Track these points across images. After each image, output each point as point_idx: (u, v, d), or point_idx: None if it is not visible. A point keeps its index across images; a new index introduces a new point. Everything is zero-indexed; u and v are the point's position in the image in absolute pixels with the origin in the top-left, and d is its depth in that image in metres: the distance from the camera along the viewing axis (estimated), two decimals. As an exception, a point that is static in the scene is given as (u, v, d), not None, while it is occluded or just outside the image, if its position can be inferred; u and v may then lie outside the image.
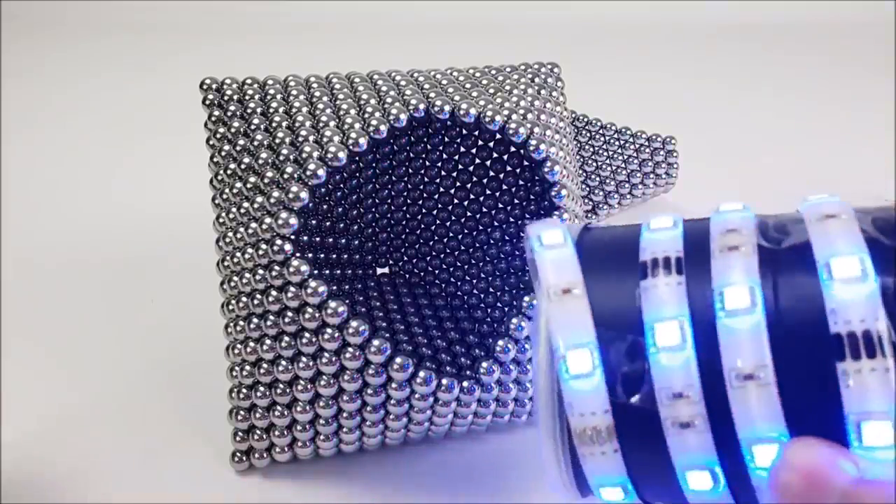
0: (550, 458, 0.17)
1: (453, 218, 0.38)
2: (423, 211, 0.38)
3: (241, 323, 0.29)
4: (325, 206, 0.37)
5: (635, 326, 0.16)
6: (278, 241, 0.27)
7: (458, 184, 0.37)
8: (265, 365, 0.28)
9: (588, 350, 0.16)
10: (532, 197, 0.35)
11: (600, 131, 0.55)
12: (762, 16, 1.12)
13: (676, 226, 0.17)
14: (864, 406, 0.14)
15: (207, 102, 0.30)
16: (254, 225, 0.27)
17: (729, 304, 0.15)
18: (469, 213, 0.37)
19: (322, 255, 0.37)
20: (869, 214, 0.16)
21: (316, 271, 0.27)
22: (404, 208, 0.38)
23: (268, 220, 0.27)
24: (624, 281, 0.17)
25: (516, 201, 0.35)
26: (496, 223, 0.36)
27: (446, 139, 0.35)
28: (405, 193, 0.38)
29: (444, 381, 0.28)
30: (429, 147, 0.31)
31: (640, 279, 0.16)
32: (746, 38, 1.05)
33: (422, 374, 0.28)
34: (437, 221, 0.38)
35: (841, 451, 0.14)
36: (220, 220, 0.29)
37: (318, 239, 0.37)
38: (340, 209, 0.37)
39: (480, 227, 0.37)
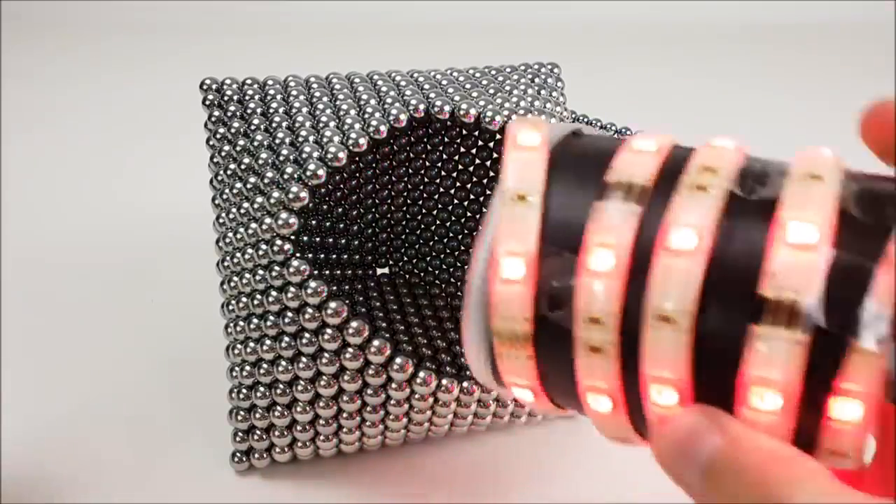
0: (472, 346, 0.17)
1: (453, 218, 0.38)
2: (423, 211, 0.38)
3: (241, 323, 0.29)
4: (325, 206, 0.37)
5: (575, 245, 0.16)
6: (278, 242, 0.27)
7: (458, 184, 0.37)
8: (265, 365, 0.28)
9: (522, 259, 0.16)
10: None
11: (601, 132, 0.54)
12: (762, 16, 1.12)
13: (660, 152, 0.17)
14: (762, 372, 0.14)
15: (207, 103, 0.30)
16: (254, 225, 0.27)
17: (674, 244, 0.15)
18: (469, 213, 0.37)
19: (322, 255, 0.37)
20: (860, 183, 0.16)
21: (316, 271, 0.27)
22: (404, 208, 0.38)
23: (268, 220, 0.27)
24: (583, 197, 0.16)
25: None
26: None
27: (446, 139, 0.35)
28: (405, 193, 0.38)
29: (444, 382, 0.28)
30: (429, 147, 0.31)
31: (596, 199, 0.16)
32: (746, 38, 1.05)
33: (422, 374, 0.28)
34: (437, 221, 0.38)
35: (717, 419, 0.14)
36: (220, 221, 0.29)
37: (318, 239, 0.37)
38: (340, 209, 0.37)
39: (480, 227, 0.37)
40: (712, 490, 0.14)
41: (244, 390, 0.29)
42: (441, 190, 0.37)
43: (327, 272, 0.37)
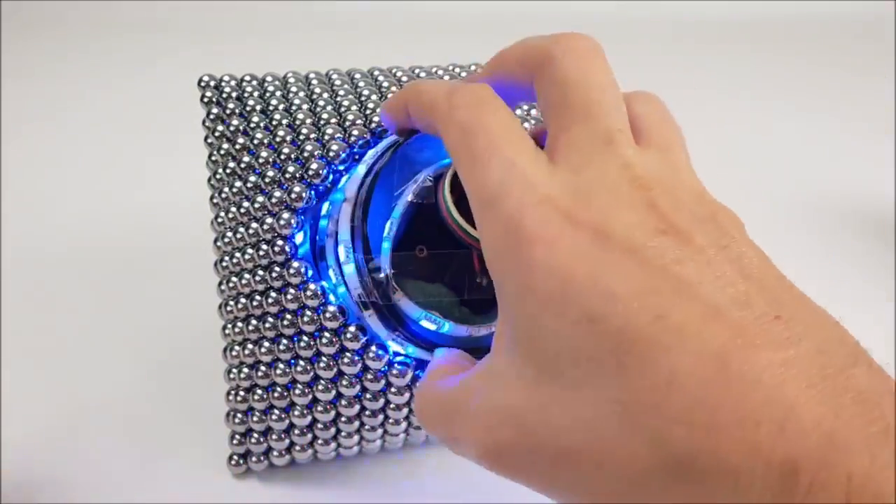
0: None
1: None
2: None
3: (240, 324, 0.28)
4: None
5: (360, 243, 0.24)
6: (279, 242, 0.27)
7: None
8: (263, 368, 0.28)
9: (346, 246, 0.25)
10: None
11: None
12: (762, 15, 1.12)
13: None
14: None
15: (206, 100, 0.30)
16: (255, 225, 0.27)
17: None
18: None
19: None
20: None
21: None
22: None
23: (269, 219, 0.27)
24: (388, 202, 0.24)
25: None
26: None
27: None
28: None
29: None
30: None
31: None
32: (746, 38, 1.05)
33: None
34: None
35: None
36: (219, 220, 0.29)
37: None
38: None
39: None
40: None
41: (242, 392, 0.29)
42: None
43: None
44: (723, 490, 0.14)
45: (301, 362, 0.27)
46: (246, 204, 0.27)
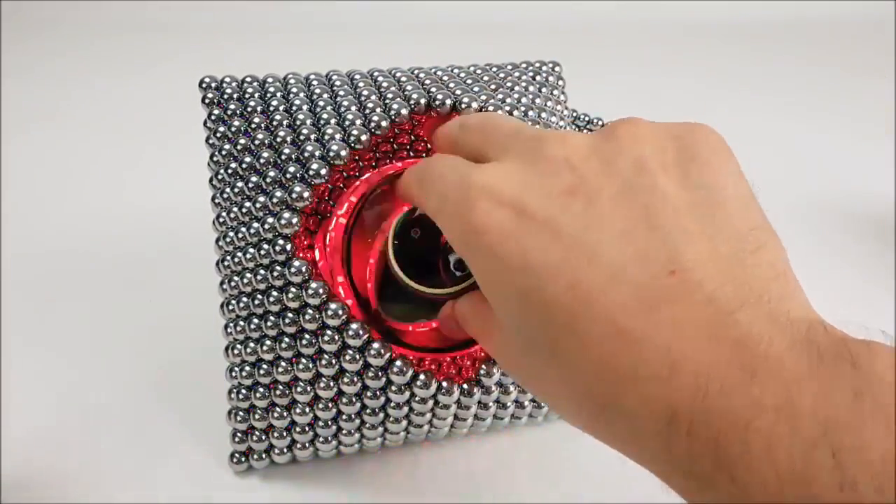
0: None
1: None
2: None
3: (242, 323, 0.28)
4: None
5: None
6: (280, 241, 0.27)
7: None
8: (265, 366, 0.28)
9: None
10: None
11: (601, 131, 0.54)
12: (762, 15, 1.12)
13: None
14: None
15: (207, 101, 0.30)
16: (256, 224, 0.27)
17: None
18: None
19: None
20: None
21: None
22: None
23: (270, 219, 0.27)
24: None
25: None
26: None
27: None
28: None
29: (445, 384, 0.28)
30: (430, 146, 0.30)
31: None
32: (746, 38, 1.05)
33: (422, 376, 0.27)
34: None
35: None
36: (220, 220, 0.29)
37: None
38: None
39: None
40: (467, 332, 0.25)
41: (243, 391, 0.29)
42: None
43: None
44: (625, 434, 0.17)
45: (302, 360, 0.27)
46: (247, 204, 0.28)
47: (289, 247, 0.27)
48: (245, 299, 0.28)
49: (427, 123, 0.28)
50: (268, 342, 0.28)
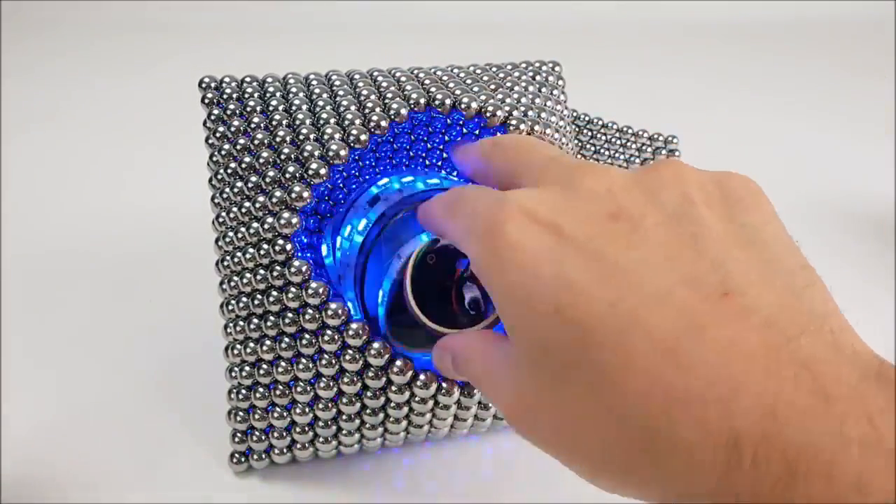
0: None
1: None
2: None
3: (241, 323, 0.28)
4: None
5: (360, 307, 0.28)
6: (280, 241, 0.27)
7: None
8: (264, 366, 0.28)
9: (352, 303, 0.28)
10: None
11: (601, 130, 0.54)
12: (762, 15, 1.12)
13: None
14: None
15: (206, 101, 0.30)
16: (255, 224, 0.27)
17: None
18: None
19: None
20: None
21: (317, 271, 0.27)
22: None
23: (270, 219, 0.27)
24: None
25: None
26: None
27: (447, 138, 0.35)
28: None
29: (445, 384, 0.28)
30: (429, 146, 0.30)
31: None
32: (746, 38, 1.05)
33: (422, 376, 0.27)
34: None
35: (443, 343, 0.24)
36: (220, 220, 0.29)
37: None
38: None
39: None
40: (459, 373, 0.24)
41: (243, 391, 0.29)
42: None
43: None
44: (679, 464, 0.15)
45: (303, 360, 0.27)
46: (247, 204, 0.28)
47: (288, 247, 0.27)
48: (245, 299, 0.28)
49: (456, 146, 0.28)
50: (268, 342, 0.28)
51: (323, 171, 0.26)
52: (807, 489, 0.14)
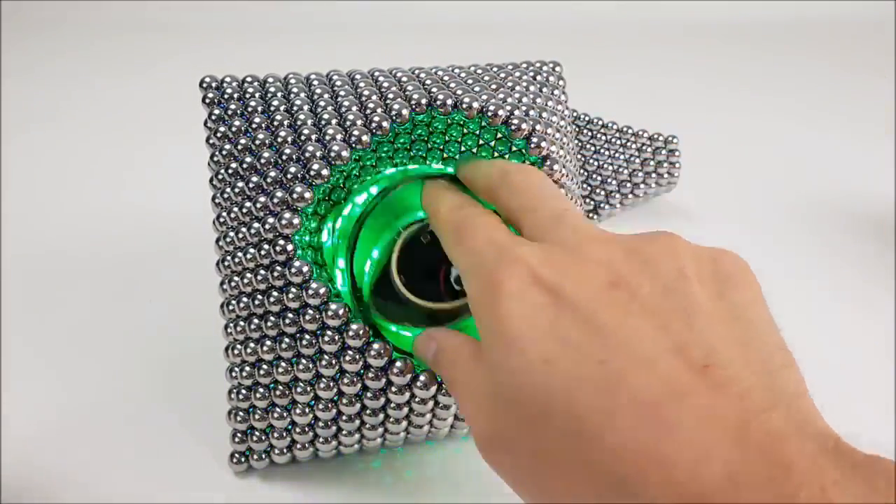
0: None
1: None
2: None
3: (242, 323, 0.28)
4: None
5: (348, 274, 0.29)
6: (280, 241, 0.27)
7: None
8: (265, 366, 0.28)
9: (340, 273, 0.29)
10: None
11: (601, 130, 0.54)
12: (762, 15, 1.12)
13: None
14: None
15: (207, 101, 0.30)
16: (256, 224, 0.27)
17: None
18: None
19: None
20: None
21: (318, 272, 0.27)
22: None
23: (271, 219, 0.27)
24: None
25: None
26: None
27: (447, 138, 0.35)
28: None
29: (445, 385, 0.28)
30: (430, 147, 0.30)
31: None
32: (746, 38, 1.05)
33: (423, 377, 0.27)
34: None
35: (430, 334, 0.26)
36: (221, 220, 0.29)
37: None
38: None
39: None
40: (435, 368, 0.25)
41: (243, 391, 0.29)
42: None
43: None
44: None
45: (303, 360, 0.27)
46: (248, 204, 0.28)
47: (289, 247, 0.27)
48: (245, 299, 0.28)
49: (464, 167, 0.28)
50: (268, 342, 0.28)
51: (325, 172, 0.26)
52: None
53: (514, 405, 0.19)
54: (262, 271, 0.27)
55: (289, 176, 0.27)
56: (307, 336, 0.27)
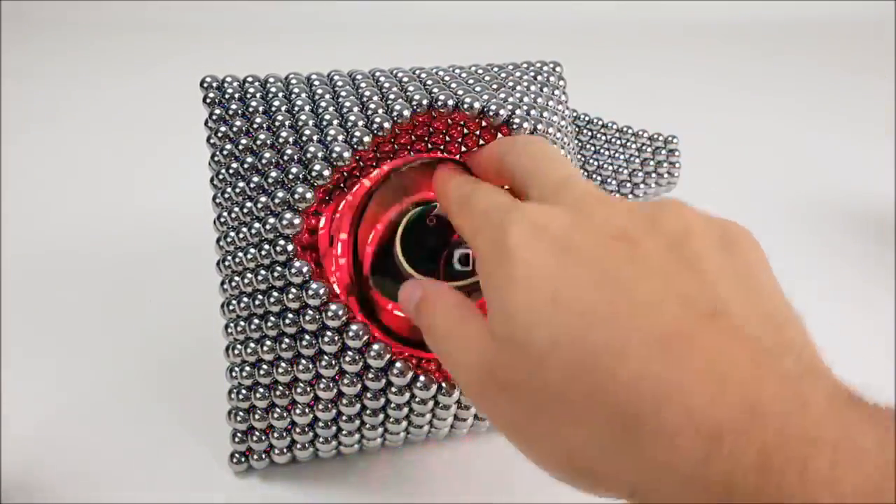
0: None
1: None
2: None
3: (242, 323, 0.28)
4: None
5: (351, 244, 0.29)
6: (281, 242, 0.27)
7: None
8: (265, 366, 0.28)
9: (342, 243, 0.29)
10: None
11: (601, 130, 0.54)
12: (762, 15, 1.12)
13: None
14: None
15: (208, 101, 0.30)
16: (257, 225, 0.27)
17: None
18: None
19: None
20: None
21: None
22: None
23: (271, 220, 0.27)
24: None
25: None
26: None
27: (447, 139, 0.35)
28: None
29: (445, 385, 0.28)
30: (430, 147, 0.30)
31: None
32: (746, 38, 1.05)
33: (422, 378, 0.27)
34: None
35: (419, 283, 0.25)
36: (221, 220, 0.29)
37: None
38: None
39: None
40: (418, 316, 0.24)
41: (243, 391, 0.29)
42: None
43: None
44: (659, 449, 0.16)
45: (303, 361, 0.27)
46: (249, 204, 0.28)
47: (290, 247, 0.27)
48: (245, 300, 0.28)
49: (470, 155, 0.29)
50: (268, 343, 0.28)
51: (326, 173, 0.26)
52: (779, 482, 0.15)
53: (517, 345, 0.19)
54: (263, 271, 0.27)
55: (290, 176, 0.27)
56: (307, 336, 0.27)
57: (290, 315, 0.27)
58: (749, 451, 0.15)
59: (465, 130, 0.35)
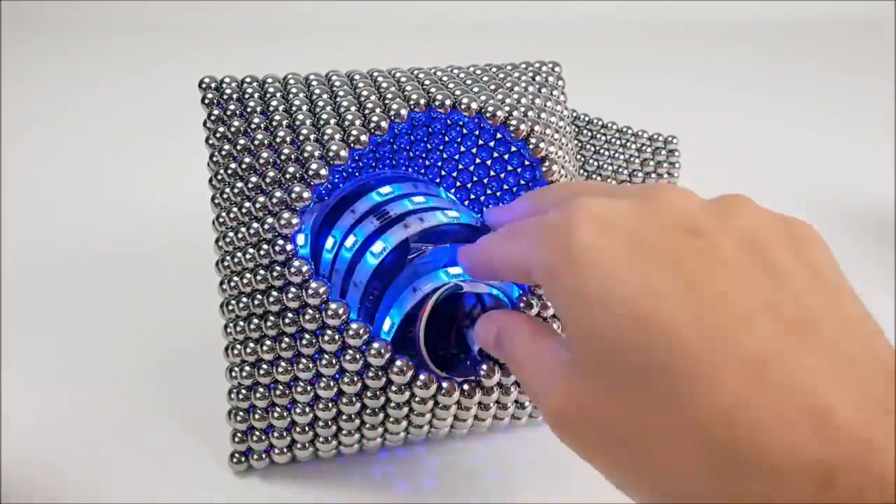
0: None
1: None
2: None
3: (241, 323, 0.28)
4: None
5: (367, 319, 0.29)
6: (280, 241, 0.27)
7: (458, 184, 0.37)
8: (264, 366, 0.28)
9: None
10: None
11: (601, 130, 0.54)
12: (762, 15, 1.12)
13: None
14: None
15: (206, 101, 0.30)
16: (255, 224, 0.27)
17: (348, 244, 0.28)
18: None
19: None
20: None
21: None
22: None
23: (270, 219, 0.27)
24: None
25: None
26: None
27: (446, 139, 0.35)
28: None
29: (445, 385, 0.28)
30: (429, 147, 0.30)
31: None
32: (746, 38, 1.05)
33: (422, 377, 0.27)
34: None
35: (490, 316, 0.25)
36: (220, 220, 0.29)
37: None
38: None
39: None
40: (499, 350, 0.23)
41: (243, 391, 0.29)
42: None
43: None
44: (763, 487, 0.15)
45: (303, 360, 0.27)
46: (247, 204, 0.28)
47: (289, 247, 0.27)
48: (245, 299, 0.28)
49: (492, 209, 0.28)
50: (268, 342, 0.28)
51: (323, 172, 0.26)
52: None
53: (600, 372, 0.18)
54: (262, 271, 0.27)
55: (287, 176, 0.27)
56: (307, 335, 0.27)
57: (290, 314, 0.27)
58: (871, 486, 0.14)
59: (464, 131, 0.35)
